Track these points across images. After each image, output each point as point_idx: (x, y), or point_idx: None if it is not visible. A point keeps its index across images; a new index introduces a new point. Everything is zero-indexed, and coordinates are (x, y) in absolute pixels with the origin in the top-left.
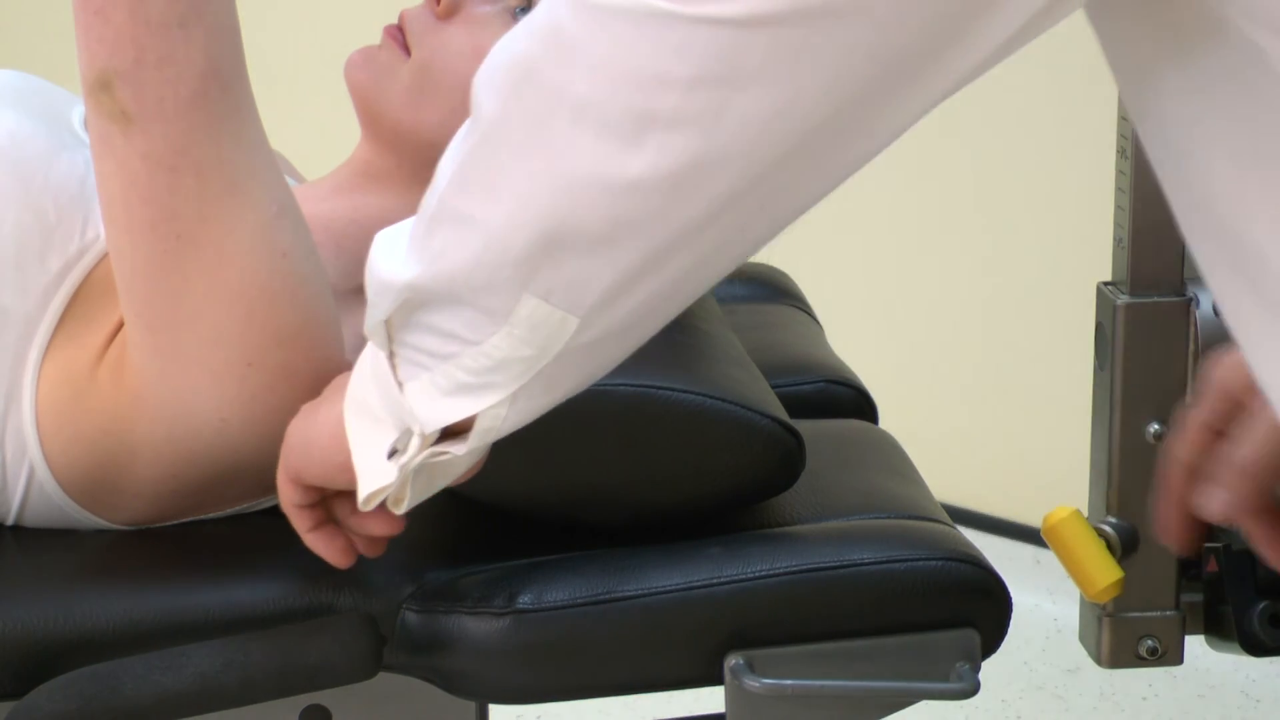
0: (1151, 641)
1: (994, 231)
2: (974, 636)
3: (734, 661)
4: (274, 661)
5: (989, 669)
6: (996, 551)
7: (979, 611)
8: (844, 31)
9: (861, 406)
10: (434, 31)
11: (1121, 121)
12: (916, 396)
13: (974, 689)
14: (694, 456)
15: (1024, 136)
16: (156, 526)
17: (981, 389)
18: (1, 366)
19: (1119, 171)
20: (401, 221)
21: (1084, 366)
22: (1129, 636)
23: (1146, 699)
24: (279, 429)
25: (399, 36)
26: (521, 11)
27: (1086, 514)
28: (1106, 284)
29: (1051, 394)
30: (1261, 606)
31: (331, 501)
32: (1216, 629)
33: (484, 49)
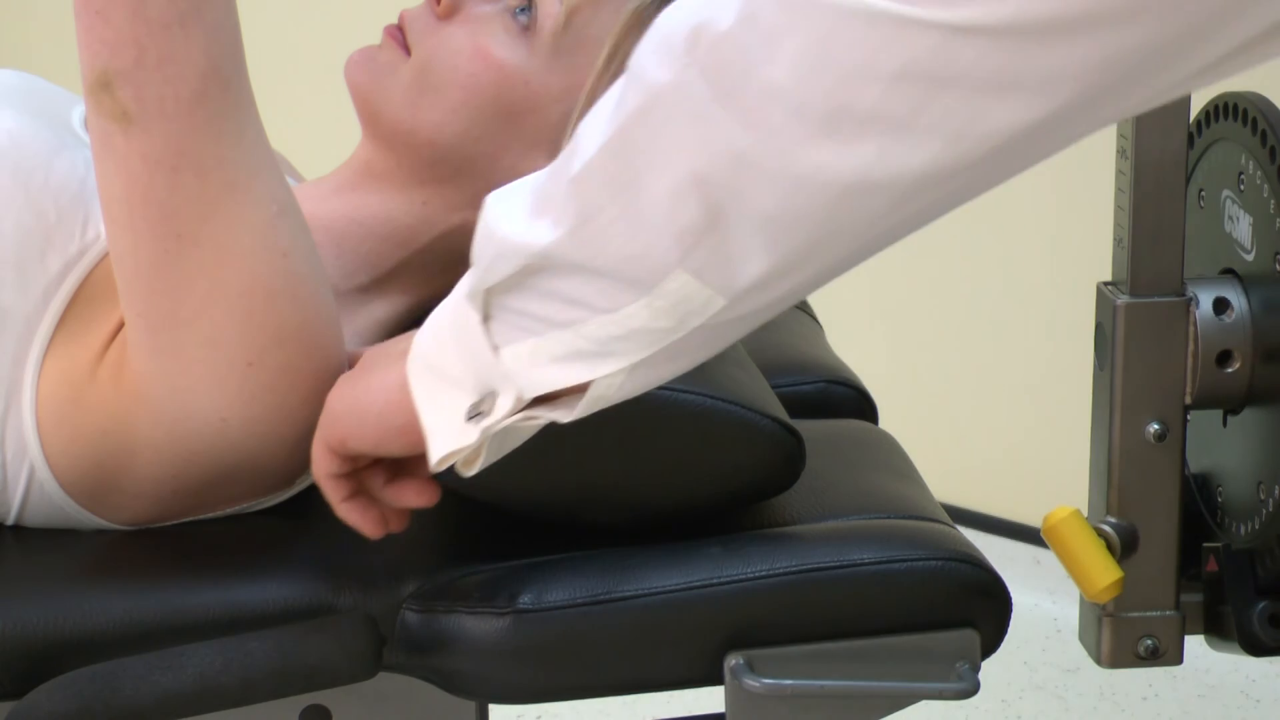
0: (1151, 641)
1: (994, 231)
2: (974, 636)
3: (734, 661)
4: (274, 661)
5: (989, 669)
6: (996, 551)
7: (979, 611)
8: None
9: (861, 406)
10: (434, 31)
11: (1122, 121)
12: (916, 396)
13: (974, 689)
14: (694, 456)
15: None
16: (156, 526)
17: (981, 389)
18: (2, 366)
19: (1119, 171)
20: (515, 182)
21: (1084, 366)
22: (1129, 636)
23: (1146, 699)
24: (279, 429)
25: (399, 36)
26: (521, 12)
27: (1086, 514)
28: (1106, 284)
29: (1051, 394)
30: (1261, 606)
31: (364, 474)
32: (1216, 629)
33: (484, 49)
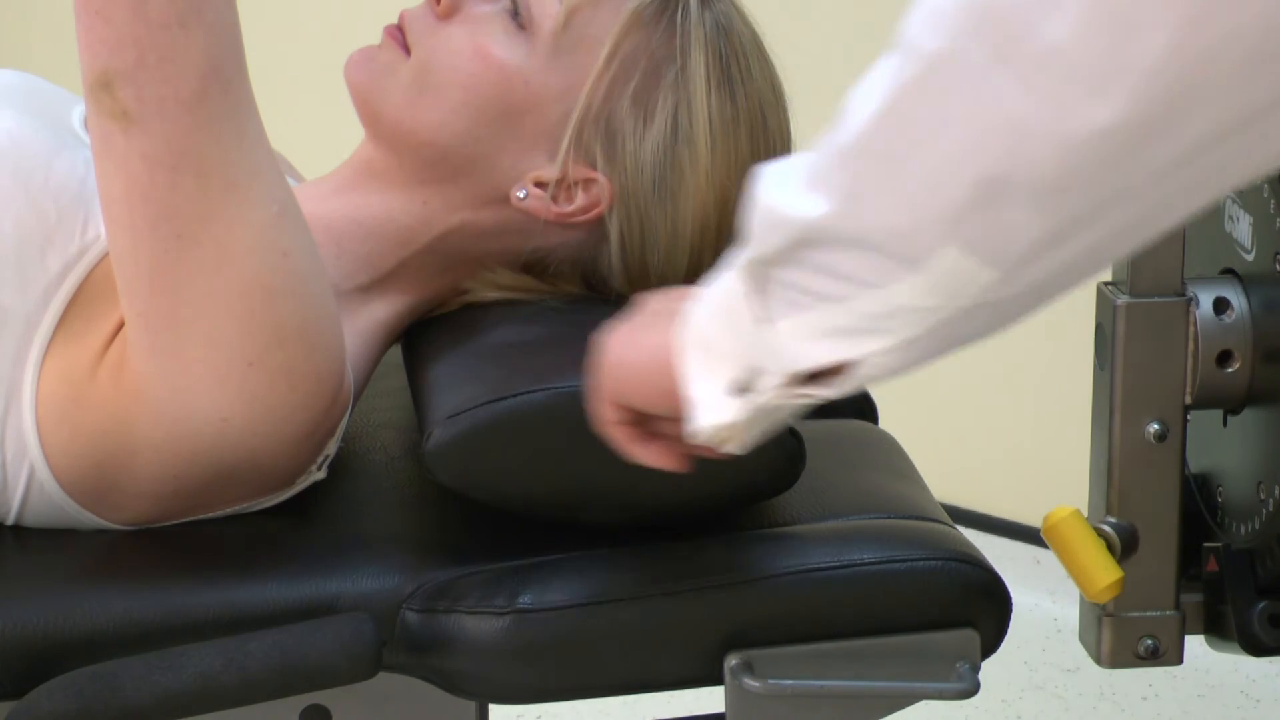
0: (1151, 641)
1: None
2: (974, 636)
3: (734, 661)
4: (274, 661)
5: (989, 669)
6: (996, 551)
7: (979, 611)
8: None
9: (861, 406)
10: (434, 31)
11: None
12: (916, 396)
13: (974, 689)
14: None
15: None
16: (156, 526)
17: (981, 389)
18: (2, 366)
19: None
20: (792, 156)
21: (1084, 366)
22: (1129, 636)
23: (1146, 699)
24: (280, 429)
25: (399, 36)
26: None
27: (1086, 514)
28: (1106, 284)
29: (1051, 394)
30: (1261, 606)
31: (651, 420)
32: (1216, 629)
33: (484, 49)
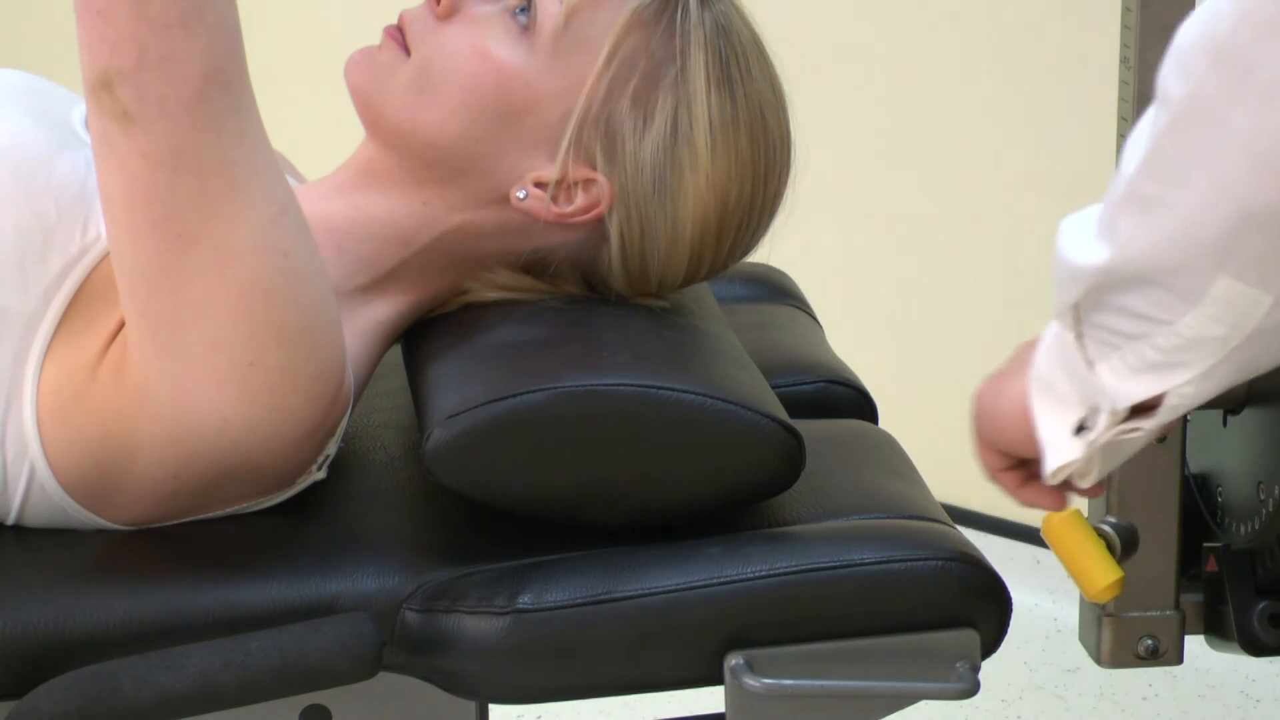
0: (1151, 641)
1: (994, 231)
2: (974, 636)
3: (734, 661)
4: (274, 661)
5: (989, 669)
6: (996, 551)
7: (979, 611)
8: None
9: (861, 406)
10: (434, 32)
11: (1121, 121)
12: (916, 396)
13: (974, 689)
14: (694, 456)
15: (1024, 136)
16: (156, 526)
17: None
18: (3, 366)
19: None
20: (1087, 208)
21: None
22: (1129, 636)
23: (1146, 699)
24: (280, 429)
25: (399, 37)
26: (521, 12)
27: (1086, 514)
28: None
29: None
30: (1261, 606)
31: (1031, 462)
32: (1216, 629)
33: (484, 49)
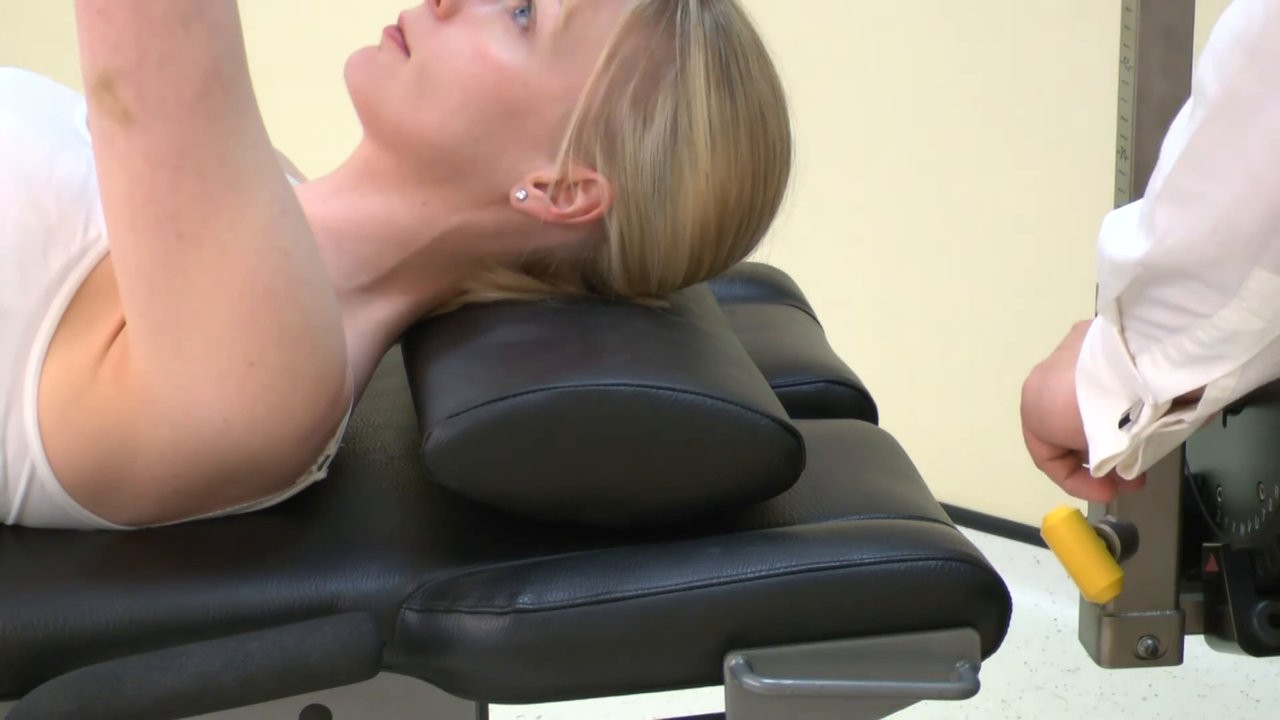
0: (1151, 641)
1: (994, 231)
2: (974, 636)
3: (734, 661)
4: (274, 661)
5: (989, 669)
6: (996, 551)
7: (979, 611)
8: None
9: (861, 406)
10: (434, 32)
11: (1121, 121)
12: (916, 396)
13: (974, 689)
14: (694, 456)
15: (1024, 137)
16: (156, 526)
17: (981, 389)
18: (3, 366)
19: (1119, 171)
20: (1128, 205)
21: None
22: (1129, 636)
23: (1146, 699)
24: (281, 429)
25: (399, 37)
26: (521, 13)
27: (1086, 514)
28: None
29: None
30: (1261, 606)
31: (1079, 453)
32: (1216, 629)
33: (484, 49)
